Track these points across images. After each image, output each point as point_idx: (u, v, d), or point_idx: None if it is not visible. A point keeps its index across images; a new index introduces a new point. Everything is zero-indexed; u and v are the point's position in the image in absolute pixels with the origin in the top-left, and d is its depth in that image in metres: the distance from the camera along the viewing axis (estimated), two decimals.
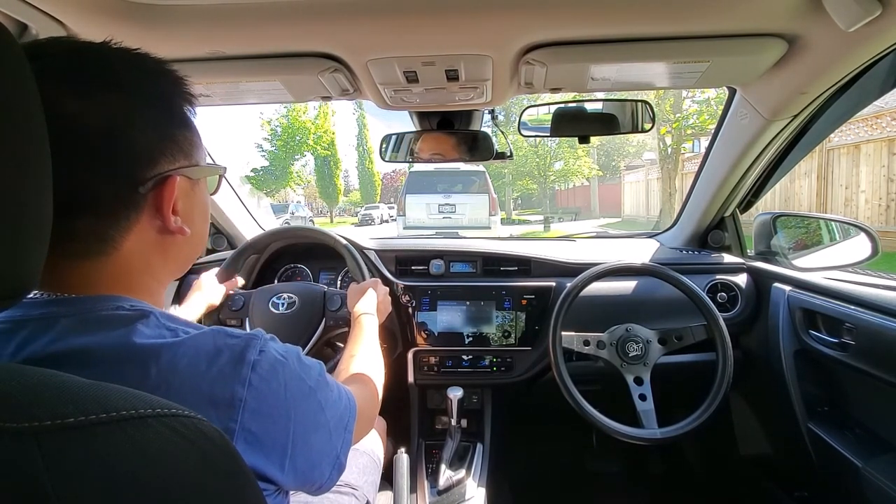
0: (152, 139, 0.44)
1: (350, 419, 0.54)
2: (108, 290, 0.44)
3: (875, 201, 6.49)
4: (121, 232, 0.43)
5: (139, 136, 0.43)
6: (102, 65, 0.42)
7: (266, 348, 0.44)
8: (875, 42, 0.76)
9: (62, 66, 0.40)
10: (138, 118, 0.43)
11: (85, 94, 0.40)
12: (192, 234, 0.49)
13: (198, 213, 0.52)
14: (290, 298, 1.13)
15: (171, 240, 0.48)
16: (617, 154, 24.93)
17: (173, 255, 0.50)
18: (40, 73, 0.34)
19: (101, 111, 0.40)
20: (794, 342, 1.14)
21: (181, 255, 0.51)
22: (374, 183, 30.31)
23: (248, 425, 0.40)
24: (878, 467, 0.92)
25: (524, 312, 1.32)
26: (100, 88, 0.41)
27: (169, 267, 0.50)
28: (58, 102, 0.38)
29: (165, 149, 0.45)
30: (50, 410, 0.28)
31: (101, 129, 0.40)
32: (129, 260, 0.45)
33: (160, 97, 0.45)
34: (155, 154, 0.44)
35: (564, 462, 1.72)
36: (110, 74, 0.42)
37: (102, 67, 0.42)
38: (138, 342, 0.40)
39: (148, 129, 0.44)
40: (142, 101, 0.43)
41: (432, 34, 0.78)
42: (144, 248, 0.46)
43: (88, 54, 0.42)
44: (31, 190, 0.32)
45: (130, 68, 0.44)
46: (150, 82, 0.45)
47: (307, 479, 0.47)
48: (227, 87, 0.96)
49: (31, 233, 0.33)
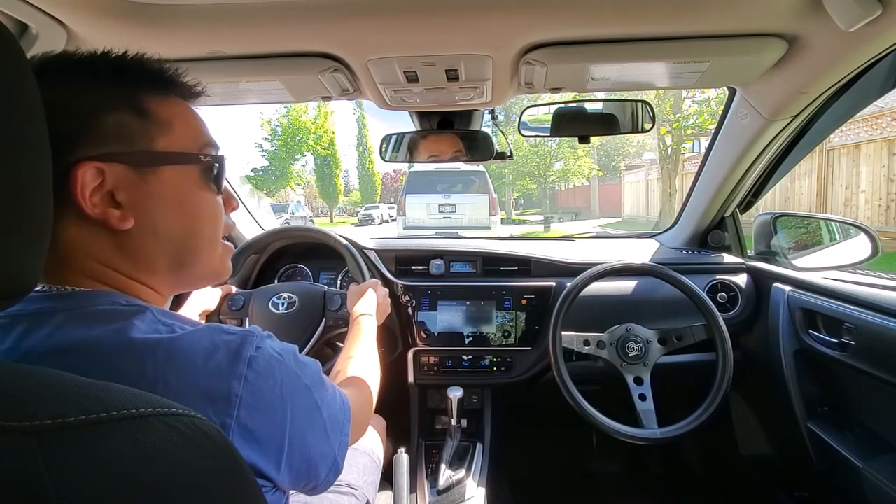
0: (73, 125, 0.42)
1: (345, 422, 0.54)
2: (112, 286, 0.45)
3: (875, 201, 6.49)
4: (65, 223, 0.42)
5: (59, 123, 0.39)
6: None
7: (263, 345, 0.44)
8: (875, 42, 0.76)
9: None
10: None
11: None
12: (162, 233, 0.46)
13: (164, 208, 0.46)
14: (290, 298, 1.13)
15: (126, 236, 0.45)
16: (617, 154, 24.91)
17: (142, 255, 0.46)
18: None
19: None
20: (794, 342, 1.14)
21: (153, 256, 0.47)
22: (374, 183, 30.31)
23: (244, 421, 0.40)
24: (878, 467, 0.92)
25: (524, 312, 1.32)
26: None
27: (148, 270, 0.47)
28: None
29: (88, 135, 0.43)
30: (50, 409, 0.28)
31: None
32: (72, 251, 0.44)
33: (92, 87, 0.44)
34: (74, 139, 0.42)
35: (564, 462, 1.72)
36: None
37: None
38: (135, 337, 0.40)
39: (70, 115, 0.42)
40: (65, 90, 0.42)
41: (432, 34, 0.78)
42: (87, 240, 0.44)
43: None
44: (31, 189, 0.33)
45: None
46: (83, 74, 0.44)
47: (303, 477, 0.47)
48: (227, 87, 0.96)
49: (32, 232, 0.33)
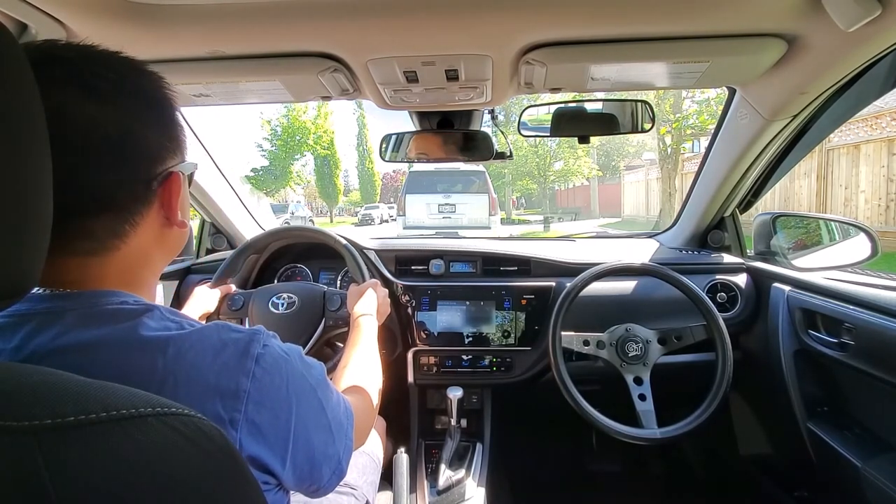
0: (159, 138, 0.47)
1: (349, 427, 0.54)
2: (113, 284, 0.45)
3: (875, 201, 6.49)
4: (133, 227, 0.46)
5: (149, 136, 0.46)
6: (115, 71, 0.44)
7: (269, 343, 0.46)
8: (875, 42, 0.76)
9: (78, 72, 0.41)
10: (146, 119, 0.45)
11: (102, 100, 0.42)
12: (185, 226, 0.52)
13: (188, 206, 0.55)
14: (290, 298, 1.13)
15: (169, 233, 0.50)
16: (617, 154, 24.92)
17: (168, 247, 0.52)
18: (57, 78, 0.38)
19: (117, 115, 0.43)
20: (794, 342, 1.14)
21: (174, 247, 0.53)
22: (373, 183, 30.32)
23: (251, 416, 0.41)
24: (878, 467, 0.92)
25: (524, 312, 1.32)
26: (114, 94, 0.43)
27: (163, 259, 0.53)
28: (77, 108, 0.40)
29: (168, 147, 0.48)
30: (50, 409, 0.28)
31: (119, 132, 0.43)
32: (135, 254, 0.47)
33: (159, 100, 0.48)
34: (162, 152, 0.47)
35: (564, 462, 1.72)
36: (121, 80, 0.44)
37: (116, 73, 0.44)
38: (145, 335, 0.41)
39: (154, 129, 0.46)
40: (147, 104, 0.46)
41: (432, 34, 0.78)
42: (148, 243, 0.48)
43: (100, 60, 0.44)
44: (31, 189, 0.33)
45: (135, 73, 0.46)
46: (151, 86, 0.47)
47: (306, 477, 0.48)
48: (227, 86, 0.96)
49: (32, 232, 0.33)
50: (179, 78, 0.90)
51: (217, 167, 1.43)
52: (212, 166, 1.41)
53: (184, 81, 0.92)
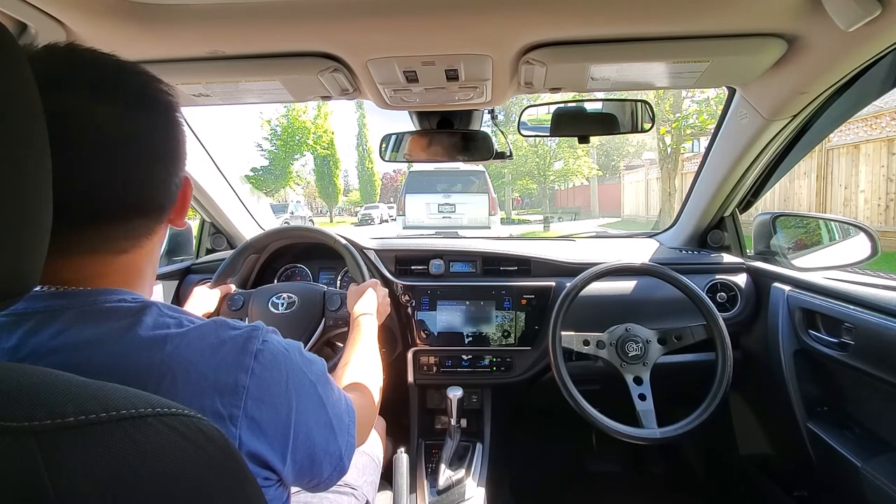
0: (178, 144, 0.49)
1: (351, 423, 0.54)
2: (114, 283, 0.45)
3: (874, 201, 6.49)
4: (157, 227, 0.48)
5: (171, 143, 0.47)
6: (137, 81, 0.45)
7: (269, 338, 0.46)
8: (875, 42, 0.76)
9: (102, 82, 0.42)
10: (168, 128, 0.47)
11: (127, 109, 0.43)
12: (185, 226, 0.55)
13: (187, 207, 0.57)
14: (290, 298, 1.13)
15: (166, 232, 0.52)
16: (617, 154, 24.92)
17: (162, 244, 0.54)
18: (82, 86, 0.40)
19: (148, 124, 0.44)
20: (794, 342, 1.14)
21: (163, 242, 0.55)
22: (373, 183, 30.32)
23: (251, 412, 0.41)
24: (878, 467, 0.92)
25: (524, 312, 1.32)
26: (139, 104, 0.44)
27: (159, 255, 0.54)
28: (98, 117, 0.41)
29: (182, 151, 0.50)
30: (49, 410, 0.28)
31: (158, 140, 0.45)
32: (144, 254, 0.48)
33: (170, 107, 0.48)
34: (181, 156, 0.49)
35: (564, 462, 1.72)
36: (144, 91, 0.45)
37: (138, 84, 0.45)
38: (144, 332, 0.41)
39: (174, 136, 0.48)
40: (164, 112, 0.47)
41: (432, 34, 0.78)
42: (157, 243, 0.50)
43: (125, 72, 0.45)
44: (31, 189, 0.32)
45: (150, 82, 0.47)
46: (163, 95, 0.48)
47: (306, 473, 0.48)
48: (226, 86, 0.96)
49: (32, 232, 0.33)
50: (179, 78, 0.90)
51: (217, 167, 1.43)
52: (212, 166, 1.41)
53: (184, 81, 0.92)
